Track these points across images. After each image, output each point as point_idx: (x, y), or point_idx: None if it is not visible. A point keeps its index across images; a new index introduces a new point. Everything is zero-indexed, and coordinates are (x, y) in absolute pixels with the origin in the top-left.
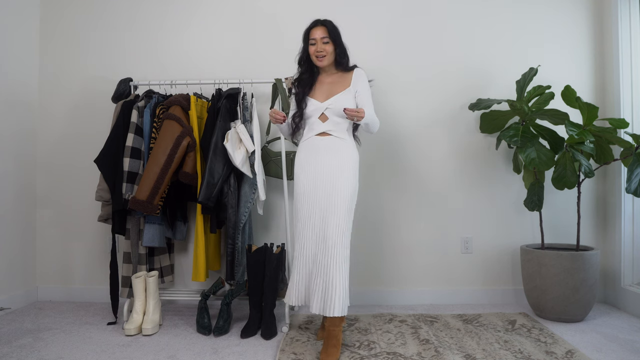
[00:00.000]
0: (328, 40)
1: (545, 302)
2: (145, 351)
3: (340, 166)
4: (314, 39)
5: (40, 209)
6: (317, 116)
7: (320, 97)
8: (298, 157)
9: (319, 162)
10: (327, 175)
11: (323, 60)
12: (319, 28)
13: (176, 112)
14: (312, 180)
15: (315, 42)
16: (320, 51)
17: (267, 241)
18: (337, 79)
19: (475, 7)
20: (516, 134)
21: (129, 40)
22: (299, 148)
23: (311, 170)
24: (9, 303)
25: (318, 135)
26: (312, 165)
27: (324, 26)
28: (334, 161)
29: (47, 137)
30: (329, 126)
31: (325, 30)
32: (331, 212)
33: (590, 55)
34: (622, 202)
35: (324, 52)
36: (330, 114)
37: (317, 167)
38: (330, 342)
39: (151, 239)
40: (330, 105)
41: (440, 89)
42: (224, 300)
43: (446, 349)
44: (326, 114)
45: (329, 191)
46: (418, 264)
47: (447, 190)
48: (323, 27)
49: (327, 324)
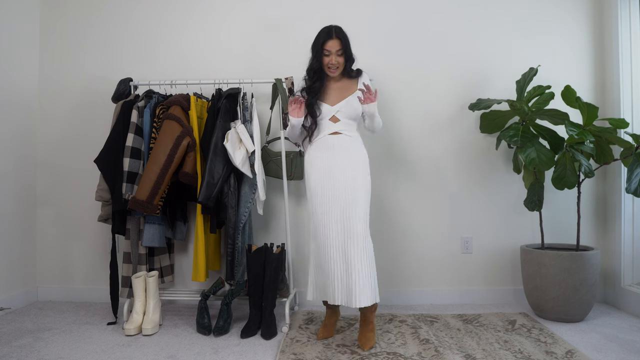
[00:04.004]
0: (342, 53)
1: (545, 302)
2: (145, 351)
3: (355, 161)
4: (329, 51)
5: (40, 209)
6: (328, 118)
7: (331, 101)
8: (309, 155)
9: (332, 158)
10: (343, 170)
11: (336, 72)
12: (335, 41)
13: (176, 112)
14: (326, 177)
15: (329, 54)
16: (334, 64)
17: (267, 241)
18: (345, 84)
19: (475, 7)
20: (516, 134)
21: (129, 40)
22: (310, 147)
23: (324, 167)
24: (9, 303)
25: (330, 135)
26: (325, 162)
27: (339, 39)
28: (348, 157)
29: (47, 137)
30: (340, 126)
31: (340, 43)
32: (352, 206)
33: (590, 55)
34: (622, 202)
35: (337, 64)
36: (341, 116)
37: (331, 163)
38: (367, 327)
39: (151, 239)
40: (341, 108)
41: (440, 89)
42: (224, 300)
43: (446, 349)
44: (337, 116)
45: (347, 185)
46: (418, 264)
47: (447, 190)
48: (338, 40)
49: (363, 310)
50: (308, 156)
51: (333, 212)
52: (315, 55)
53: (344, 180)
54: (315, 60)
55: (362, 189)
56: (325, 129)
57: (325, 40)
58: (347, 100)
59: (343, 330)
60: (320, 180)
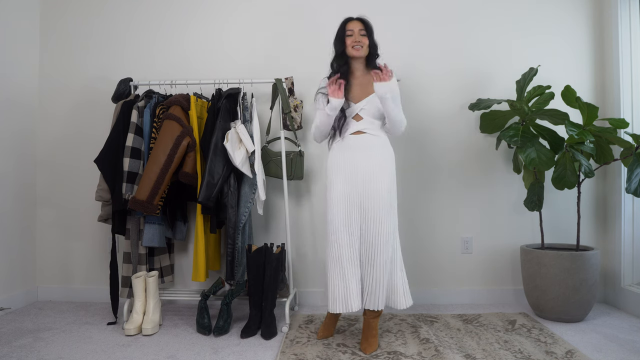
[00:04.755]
0: (365, 33)
1: (545, 302)
2: (145, 351)
3: (378, 164)
4: (352, 30)
5: (40, 209)
6: (352, 116)
7: (354, 98)
8: (332, 157)
9: (354, 161)
10: (365, 174)
11: (360, 50)
12: (356, 21)
13: (176, 112)
14: (349, 181)
15: (352, 34)
16: (358, 41)
17: (267, 241)
18: (369, 80)
19: (475, 6)
20: (516, 134)
21: (129, 40)
22: (333, 148)
23: (347, 171)
24: (9, 303)
25: (353, 134)
26: (348, 165)
27: (361, 21)
28: (370, 159)
29: (47, 137)
30: (364, 125)
31: (362, 24)
32: (372, 211)
33: (590, 55)
34: (622, 202)
35: (361, 43)
36: (365, 114)
37: (353, 167)
38: (370, 332)
39: (151, 239)
40: (364, 106)
41: (440, 89)
42: (224, 300)
43: (446, 349)
44: (360, 114)
45: (368, 190)
46: (418, 264)
47: (447, 190)
48: (360, 22)
49: (367, 316)
50: (330, 159)
51: (353, 218)
52: (338, 38)
53: (364, 184)
54: (338, 43)
55: (383, 191)
56: (349, 128)
57: (346, 22)
58: (371, 98)
59: (343, 330)
60: (343, 183)
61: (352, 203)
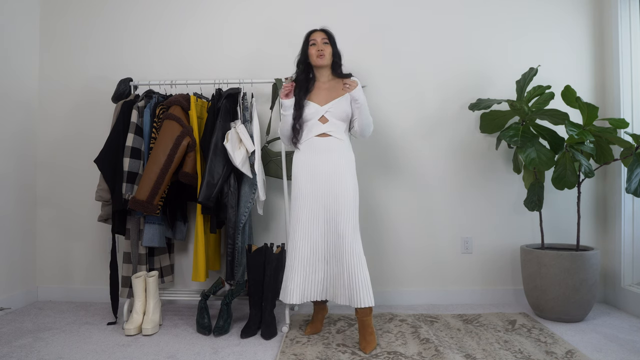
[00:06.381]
0: (327, 42)
1: (545, 302)
2: (145, 351)
3: (342, 165)
4: (315, 40)
5: (40, 209)
6: (317, 118)
7: (320, 101)
8: (297, 158)
9: (319, 162)
10: (329, 174)
11: (323, 58)
12: (319, 32)
13: (176, 112)
14: (314, 181)
15: (315, 43)
16: (320, 50)
17: (267, 241)
18: (335, 85)
19: (475, 7)
20: (516, 134)
21: (129, 40)
22: (298, 149)
23: (311, 171)
24: (9, 303)
25: (318, 136)
26: (312, 165)
27: (323, 31)
28: (334, 160)
29: (47, 137)
30: (329, 127)
31: (325, 34)
32: (340, 210)
33: (590, 55)
34: (622, 202)
35: (323, 52)
36: (330, 116)
37: (318, 167)
38: (366, 331)
39: (151, 239)
40: (330, 108)
41: (439, 89)
42: (224, 300)
43: (446, 349)
44: (326, 116)
45: (334, 189)
46: (418, 264)
47: (447, 190)
48: (322, 32)
49: (359, 315)
50: (295, 159)
51: (318, 216)
52: (302, 49)
53: (328, 184)
54: (301, 53)
55: (349, 192)
56: (314, 130)
57: (310, 33)
58: (337, 102)
59: (343, 330)
60: (306, 185)
61: (317, 201)
